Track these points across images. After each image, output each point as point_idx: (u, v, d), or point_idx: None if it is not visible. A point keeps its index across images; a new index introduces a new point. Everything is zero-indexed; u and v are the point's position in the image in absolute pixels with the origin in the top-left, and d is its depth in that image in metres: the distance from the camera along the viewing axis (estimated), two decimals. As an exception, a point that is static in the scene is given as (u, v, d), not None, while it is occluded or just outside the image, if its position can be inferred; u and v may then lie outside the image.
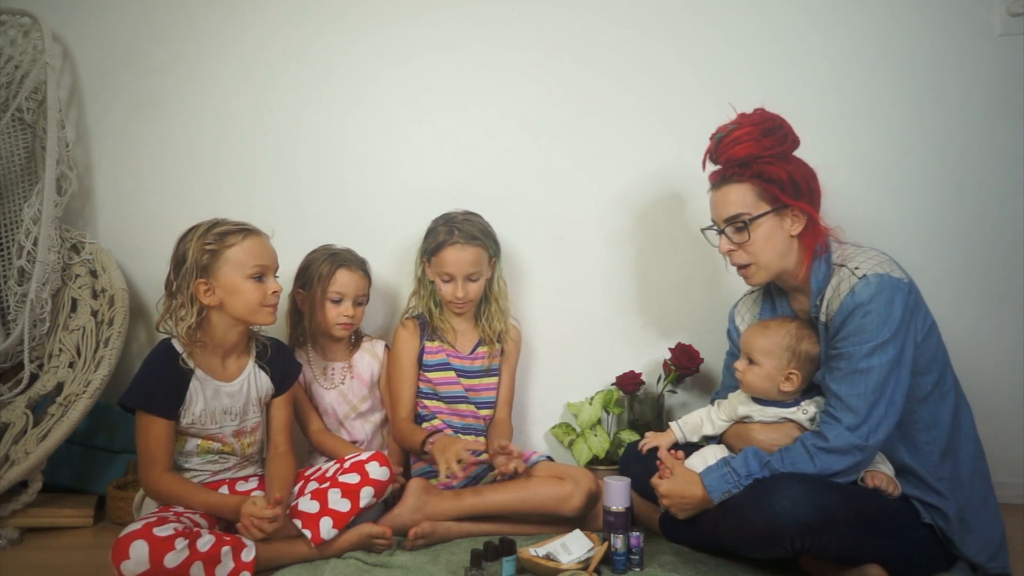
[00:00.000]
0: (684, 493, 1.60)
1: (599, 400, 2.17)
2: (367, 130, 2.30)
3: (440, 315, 2.08)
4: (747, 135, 1.61)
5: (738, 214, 1.62)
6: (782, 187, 1.59)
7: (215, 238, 1.68)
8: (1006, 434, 2.09)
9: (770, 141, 1.61)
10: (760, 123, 1.62)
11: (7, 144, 2.24)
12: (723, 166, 1.65)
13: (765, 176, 1.59)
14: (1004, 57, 2.12)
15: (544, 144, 2.26)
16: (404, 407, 2.03)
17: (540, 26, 2.25)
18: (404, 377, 2.04)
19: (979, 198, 2.14)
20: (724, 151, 1.63)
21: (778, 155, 1.61)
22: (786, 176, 1.59)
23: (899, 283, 1.51)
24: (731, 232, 1.64)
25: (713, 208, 1.68)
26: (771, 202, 1.60)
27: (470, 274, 2.00)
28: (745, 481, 1.51)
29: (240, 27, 2.31)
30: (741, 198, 1.61)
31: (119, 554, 1.44)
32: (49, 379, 2.04)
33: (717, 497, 1.53)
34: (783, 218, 1.62)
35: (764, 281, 1.68)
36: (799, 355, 1.62)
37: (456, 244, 1.98)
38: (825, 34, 2.18)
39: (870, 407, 1.48)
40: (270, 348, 1.82)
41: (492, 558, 1.53)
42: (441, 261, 1.99)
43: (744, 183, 1.61)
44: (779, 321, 1.69)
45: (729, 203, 1.63)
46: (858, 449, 1.47)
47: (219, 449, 1.76)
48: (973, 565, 1.57)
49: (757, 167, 1.60)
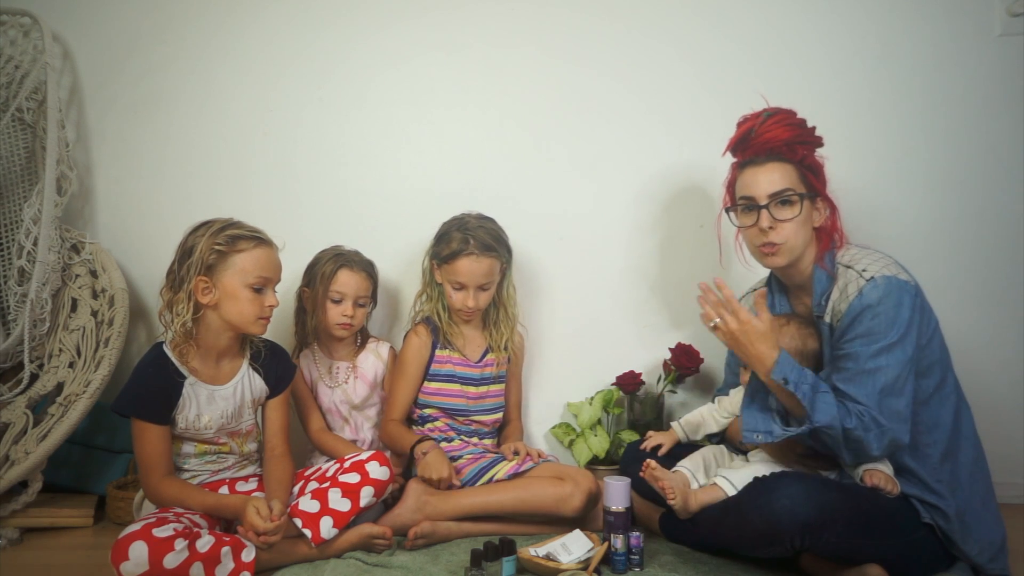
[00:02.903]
0: (754, 337, 1.50)
1: (599, 400, 2.17)
2: (367, 130, 2.29)
3: (448, 319, 2.07)
4: (789, 118, 1.66)
5: (785, 189, 1.62)
6: (817, 176, 1.65)
7: (226, 240, 1.67)
8: (1006, 434, 2.09)
9: (807, 131, 1.67)
10: (793, 114, 1.68)
11: (7, 144, 2.24)
12: (762, 144, 1.65)
13: (807, 163, 1.64)
14: (1004, 57, 2.12)
15: (544, 144, 2.26)
16: (398, 410, 2.03)
17: (541, 26, 2.25)
18: (406, 382, 2.04)
19: (979, 198, 2.14)
20: (767, 131, 1.65)
21: (813, 144, 1.67)
22: (820, 167, 1.66)
23: (906, 285, 1.52)
24: (775, 208, 1.63)
25: (754, 184, 1.65)
26: (809, 188, 1.63)
27: (482, 284, 1.99)
28: (804, 380, 1.47)
29: (240, 27, 2.31)
30: (787, 176, 1.63)
31: (118, 555, 1.44)
32: (49, 379, 2.04)
33: (776, 374, 1.47)
34: (815, 206, 1.66)
35: (783, 264, 1.65)
36: (807, 355, 1.62)
37: (471, 255, 1.96)
38: (825, 34, 2.18)
39: (879, 406, 1.48)
40: (264, 350, 1.81)
41: (492, 558, 1.53)
42: (454, 270, 1.98)
43: (788, 164, 1.64)
44: (778, 324, 1.64)
45: (776, 180, 1.63)
46: (876, 424, 1.46)
47: (216, 450, 1.76)
48: (973, 566, 1.57)
49: (801, 151, 1.64)
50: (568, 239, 2.26)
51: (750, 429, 1.53)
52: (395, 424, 2.02)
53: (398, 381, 2.05)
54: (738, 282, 1.87)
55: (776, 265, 1.67)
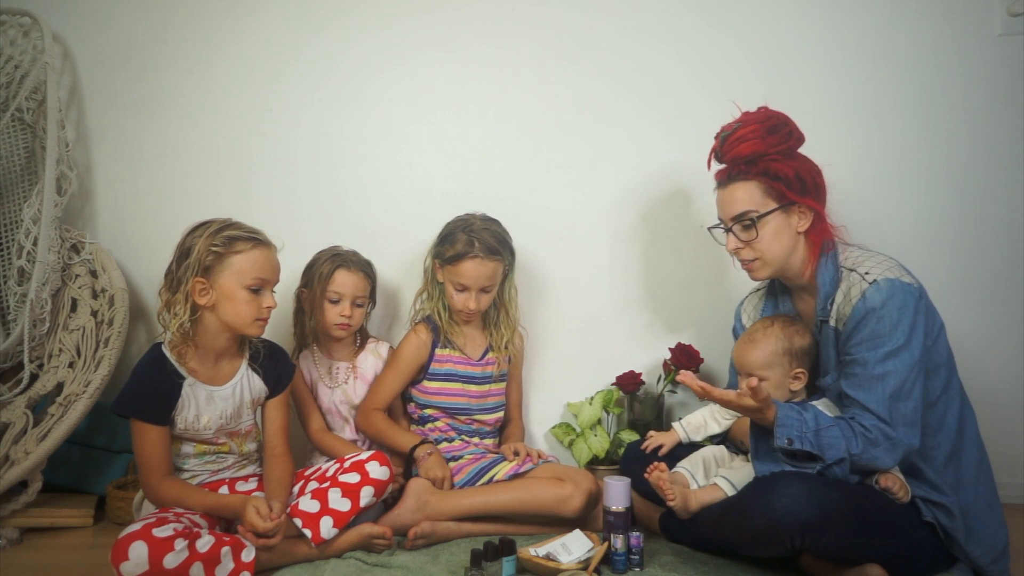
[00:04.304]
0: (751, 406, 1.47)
1: (599, 400, 2.17)
2: (367, 130, 2.29)
3: (449, 319, 2.06)
4: (752, 133, 1.61)
5: (745, 212, 1.62)
6: (788, 184, 1.60)
7: (223, 241, 1.67)
8: (1006, 434, 2.09)
9: (775, 138, 1.61)
10: (764, 121, 1.63)
11: (7, 144, 2.24)
12: (729, 164, 1.65)
13: (771, 173, 1.60)
14: (1004, 57, 2.12)
15: (544, 144, 2.26)
16: (382, 400, 2.01)
17: (540, 26, 2.25)
18: (396, 376, 2.03)
19: (979, 198, 2.14)
20: (729, 149, 1.64)
21: (784, 152, 1.62)
22: (792, 173, 1.60)
23: (909, 288, 1.51)
24: (739, 230, 1.64)
25: (720, 206, 1.68)
26: (778, 199, 1.61)
27: (485, 287, 1.99)
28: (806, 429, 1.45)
29: (240, 27, 2.31)
30: (748, 196, 1.62)
31: (118, 555, 1.43)
32: (49, 379, 2.04)
33: (780, 440, 1.45)
34: (790, 215, 1.62)
35: (768, 276, 1.68)
36: (796, 353, 1.62)
37: (476, 258, 1.95)
38: (826, 34, 2.18)
39: (890, 411, 1.47)
40: (263, 350, 1.81)
41: (492, 558, 1.53)
42: (458, 272, 1.97)
43: (751, 181, 1.62)
44: (762, 327, 1.67)
45: (736, 201, 1.63)
46: (886, 438, 1.46)
47: (216, 450, 1.76)
48: (975, 568, 1.57)
49: (763, 164, 1.60)
50: (568, 239, 2.26)
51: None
52: (381, 416, 2.00)
53: (388, 372, 2.04)
54: (741, 283, 1.87)
55: (761, 278, 1.69)
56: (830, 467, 1.46)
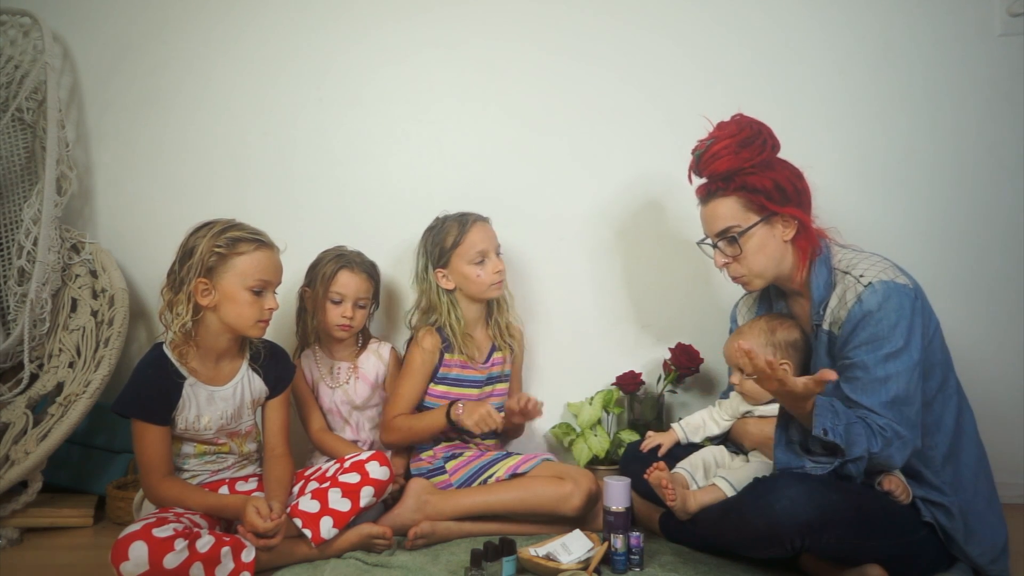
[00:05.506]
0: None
1: (599, 400, 2.17)
2: (366, 129, 2.29)
3: (463, 331, 2.01)
4: (725, 149, 1.60)
5: (728, 228, 1.62)
6: (768, 196, 1.59)
7: (227, 242, 1.66)
8: (1006, 434, 2.09)
9: (749, 152, 1.60)
10: (737, 134, 1.61)
11: (7, 144, 2.24)
12: (707, 181, 1.66)
13: (749, 187, 1.59)
14: (1004, 57, 2.12)
15: (545, 142, 2.26)
16: (407, 406, 1.99)
17: (540, 23, 2.25)
18: (415, 383, 1.99)
19: (979, 198, 2.14)
20: (705, 167, 1.64)
21: (760, 164, 1.60)
22: (771, 184, 1.59)
23: (904, 288, 1.51)
24: (724, 246, 1.65)
25: (704, 223, 1.68)
26: (759, 212, 1.60)
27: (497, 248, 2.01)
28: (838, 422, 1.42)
29: (239, 27, 2.31)
30: (729, 212, 1.61)
31: (118, 555, 1.44)
32: (49, 379, 2.04)
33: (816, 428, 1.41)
34: (773, 226, 1.61)
35: (761, 287, 1.69)
36: (779, 345, 1.64)
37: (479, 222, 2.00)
38: (826, 33, 2.18)
39: (895, 413, 1.47)
40: (264, 351, 1.81)
41: (492, 558, 1.53)
42: (472, 241, 1.97)
43: (730, 196, 1.61)
44: (748, 324, 1.72)
45: (718, 218, 1.63)
46: (898, 437, 1.46)
47: (216, 450, 1.76)
48: (974, 567, 1.57)
49: (740, 179, 1.60)
50: (569, 239, 2.26)
51: (783, 467, 1.50)
52: (402, 417, 1.97)
53: (406, 380, 2.00)
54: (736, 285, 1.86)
55: (753, 290, 1.71)
56: (847, 464, 1.44)
